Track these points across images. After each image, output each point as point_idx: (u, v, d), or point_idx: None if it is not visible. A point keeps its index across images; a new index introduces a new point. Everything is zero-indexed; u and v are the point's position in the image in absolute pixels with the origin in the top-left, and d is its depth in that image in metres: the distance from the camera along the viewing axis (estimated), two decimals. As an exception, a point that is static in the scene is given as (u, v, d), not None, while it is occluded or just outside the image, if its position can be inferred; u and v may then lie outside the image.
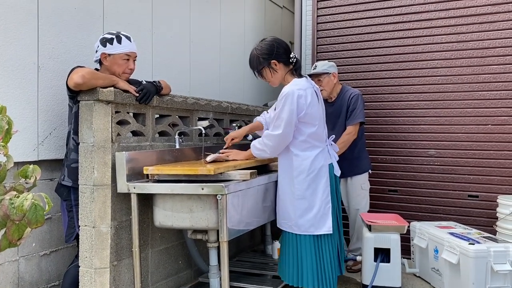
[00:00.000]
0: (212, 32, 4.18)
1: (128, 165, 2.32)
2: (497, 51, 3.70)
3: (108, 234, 2.30)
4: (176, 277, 2.85)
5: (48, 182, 2.61)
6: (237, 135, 2.82)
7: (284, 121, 2.35)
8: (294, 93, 2.35)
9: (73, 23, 2.72)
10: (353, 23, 4.26)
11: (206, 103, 3.12)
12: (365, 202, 3.65)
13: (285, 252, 2.49)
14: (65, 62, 2.65)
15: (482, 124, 3.76)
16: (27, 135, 2.46)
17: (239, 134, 2.83)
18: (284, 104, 2.35)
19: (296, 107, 2.34)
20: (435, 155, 3.92)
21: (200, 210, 2.24)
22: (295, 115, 2.35)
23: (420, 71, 3.97)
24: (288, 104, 2.34)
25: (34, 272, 2.55)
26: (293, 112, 2.34)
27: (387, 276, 3.07)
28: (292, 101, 2.34)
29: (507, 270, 2.75)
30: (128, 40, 2.50)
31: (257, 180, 2.46)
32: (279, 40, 2.51)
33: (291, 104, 2.34)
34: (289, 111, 2.34)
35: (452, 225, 3.43)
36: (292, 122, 2.36)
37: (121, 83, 2.42)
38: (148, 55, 3.32)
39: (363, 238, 3.20)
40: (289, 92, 2.36)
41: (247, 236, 3.72)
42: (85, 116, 2.31)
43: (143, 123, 2.61)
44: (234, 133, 2.85)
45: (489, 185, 3.72)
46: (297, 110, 2.35)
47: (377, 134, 4.13)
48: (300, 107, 2.35)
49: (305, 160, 2.40)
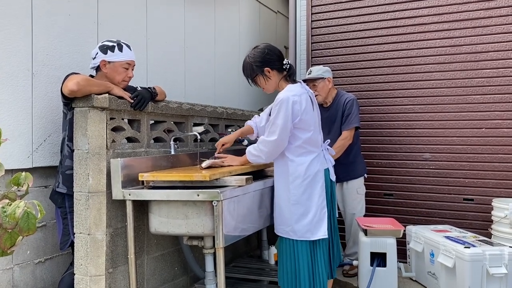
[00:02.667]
0: (207, 37, 4.19)
1: (123, 172, 2.31)
2: (490, 55, 3.73)
3: (103, 241, 2.29)
4: (172, 283, 2.83)
5: (42, 189, 2.60)
6: (227, 140, 2.82)
7: (279, 127, 2.35)
8: (289, 99, 2.35)
9: (68, 29, 2.72)
10: (348, 28, 4.28)
11: (201, 109, 3.11)
12: (361, 206, 3.65)
13: (282, 259, 2.48)
14: (60, 69, 2.65)
15: (476, 127, 3.77)
16: (21, 142, 2.44)
17: (230, 139, 2.83)
18: (279, 111, 2.35)
19: (291, 113, 2.35)
20: (430, 159, 3.93)
21: (195, 216, 2.23)
22: (290, 121, 2.35)
23: (414, 75, 3.99)
24: (283, 110, 2.34)
25: (28, 280, 2.53)
26: (288, 118, 2.35)
27: (383, 281, 3.07)
28: (287, 107, 2.34)
29: (502, 273, 2.76)
30: (128, 49, 2.52)
31: (253, 186, 2.45)
32: (271, 47, 2.50)
33: (286, 110, 2.34)
34: (284, 117, 2.34)
35: (447, 228, 3.44)
36: (287, 128, 2.36)
37: (116, 89, 2.42)
38: (143, 60, 3.32)
39: (359, 242, 3.20)
40: (284, 98, 2.36)
41: (243, 242, 3.71)
42: (79, 123, 2.30)
43: (138, 129, 2.60)
44: (224, 138, 2.84)
45: (484, 188, 3.73)
46: (292, 116, 2.35)
47: (372, 139, 4.14)
48: (295, 113, 2.36)
49: (301, 165, 2.41)
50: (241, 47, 4.76)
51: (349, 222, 3.68)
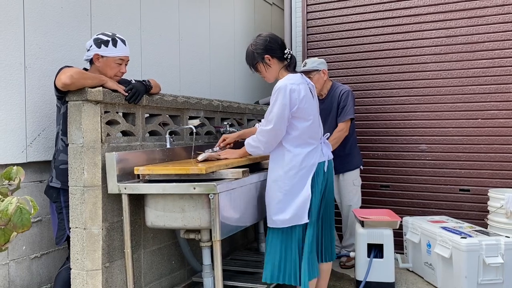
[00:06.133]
0: (202, 29, 4.16)
1: (119, 166, 2.30)
2: (486, 46, 3.73)
3: (99, 236, 2.27)
4: (170, 277, 2.83)
5: (37, 184, 2.58)
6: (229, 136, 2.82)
7: (276, 115, 2.34)
8: (287, 87, 2.34)
9: (61, 22, 2.69)
10: (343, 19, 4.26)
11: (197, 102, 3.09)
12: (357, 198, 3.66)
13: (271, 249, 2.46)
14: (53, 62, 2.61)
15: (472, 118, 3.78)
16: (15, 136, 2.42)
17: (231, 136, 2.83)
18: (276, 99, 2.35)
19: (289, 101, 2.33)
20: (426, 150, 3.93)
21: (192, 209, 2.22)
22: (287, 109, 2.34)
23: (410, 66, 3.99)
24: (280, 98, 2.34)
25: (25, 276, 2.52)
26: (285, 106, 2.33)
27: (380, 272, 3.08)
28: (284, 95, 2.33)
29: (498, 263, 2.78)
30: (123, 44, 2.48)
31: (249, 179, 2.45)
32: (273, 36, 2.53)
33: (283, 98, 2.33)
34: (281, 105, 2.33)
35: (444, 219, 3.45)
36: (284, 116, 2.35)
37: (110, 82, 2.39)
38: (137, 53, 3.29)
39: (356, 234, 3.20)
40: (282, 86, 2.35)
41: (241, 234, 3.71)
42: (73, 117, 2.28)
43: (133, 122, 2.58)
44: (227, 135, 2.85)
45: (480, 178, 3.75)
46: (290, 104, 2.34)
47: (368, 130, 4.13)
48: (293, 101, 2.35)
49: (297, 156, 2.39)
50: (236, 39, 4.73)
51: (346, 213, 3.68)
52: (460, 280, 2.83)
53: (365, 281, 3.06)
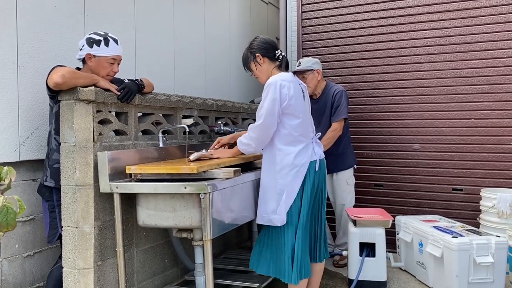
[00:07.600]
0: (197, 28, 4.16)
1: (111, 165, 2.30)
2: (479, 46, 3.74)
3: (91, 234, 2.28)
4: (162, 275, 2.84)
5: (30, 182, 2.59)
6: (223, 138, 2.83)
7: (266, 110, 2.36)
8: (277, 83, 2.37)
9: (54, 21, 2.69)
10: (338, 19, 4.27)
11: (190, 101, 3.10)
12: (350, 197, 3.68)
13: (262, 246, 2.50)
14: (46, 61, 2.62)
15: (465, 118, 3.80)
16: (8, 135, 2.43)
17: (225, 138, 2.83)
18: (267, 94, 2.38)
19: (279, 96, 2.36)
20: (420, 150, 3.95)
21: (183, 209, 2.23)
22: (278, 104, 2.36)
23: (404, 66, 4.00)
24: (271, 93, 2.37)
25: (17, 274, 2.53)
26: (275, 101, 2.36)
27: (372, 270, 3.10)
28: (274, 90, 2.36)
29: (489, 262, 2.80)
30: (115, 43, 2.47)
31: (241, 178, 2.46)
32: (267, 38, 2.62)
33: (273, 93, 2.36)
34: (272, 100, 2.36)
35: (436, 218, 3.47)
36: (274, 112, 2.36)
37: (102, 82, 2.39)
38: (131, 52, 3.29)
39: (349, 233, 3.22)
40: (272, 82, 2.39)
41: (234, 233, 3.72)
42: (66, 116, 2.29)
43: (125, 122, 2.59)
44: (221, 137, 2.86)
45: (473, 178, 3.77)
46: (280, 99, 2.36)
47: (362, 130, 4.15)
48: (283, 97, 2.37)
49: (288, 155, 2.41)
50: (231, 38, 4.73)
51: (339, 212, 3.70)
52: (451, 279, 2.85)
53: (357, 280, 3.07)
